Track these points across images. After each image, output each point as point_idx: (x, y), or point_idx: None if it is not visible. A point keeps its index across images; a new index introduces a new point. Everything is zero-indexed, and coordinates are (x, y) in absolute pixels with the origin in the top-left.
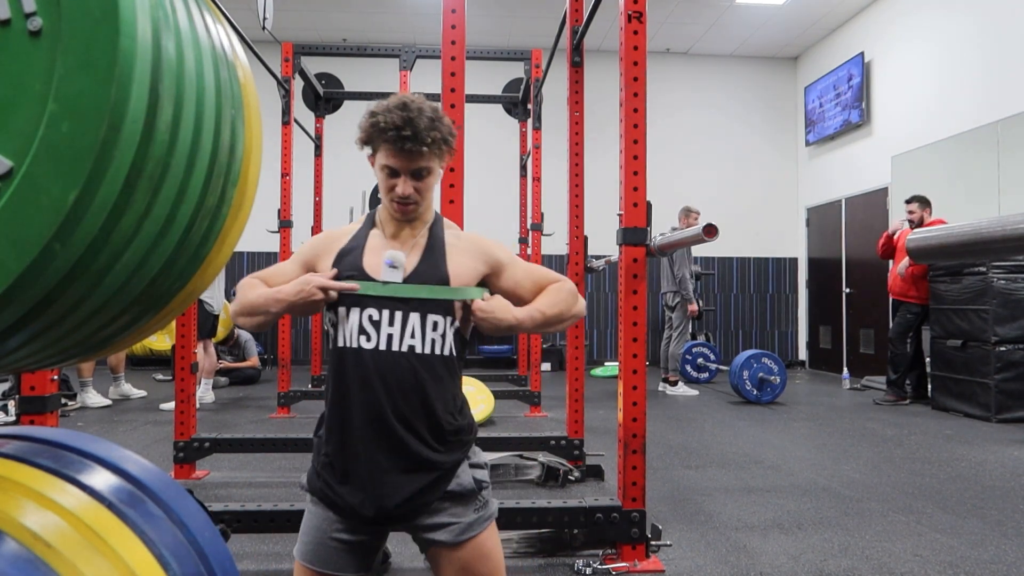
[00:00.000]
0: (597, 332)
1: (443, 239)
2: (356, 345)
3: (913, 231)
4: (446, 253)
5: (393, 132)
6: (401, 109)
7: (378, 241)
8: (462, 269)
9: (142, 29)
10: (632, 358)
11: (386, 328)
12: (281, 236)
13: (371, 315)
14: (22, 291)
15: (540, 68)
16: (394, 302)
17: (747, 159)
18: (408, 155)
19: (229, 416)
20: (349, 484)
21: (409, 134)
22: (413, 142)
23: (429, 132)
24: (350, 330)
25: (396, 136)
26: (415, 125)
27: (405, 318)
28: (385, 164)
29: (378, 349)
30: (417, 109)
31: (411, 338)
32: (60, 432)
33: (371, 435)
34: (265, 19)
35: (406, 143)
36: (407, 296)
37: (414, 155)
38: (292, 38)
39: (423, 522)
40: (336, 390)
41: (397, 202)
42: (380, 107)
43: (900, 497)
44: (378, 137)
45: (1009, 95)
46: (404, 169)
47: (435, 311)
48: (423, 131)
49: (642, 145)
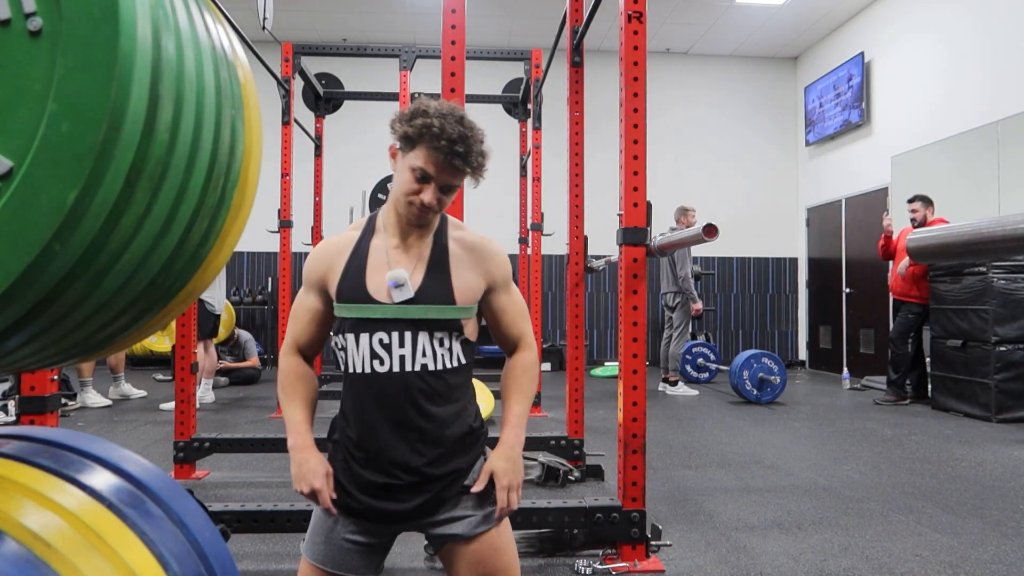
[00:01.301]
0: (597, 332)
1: (447, 249)
2: (370, 370)
3: (913, 231)
4: (450, 267)
5: (446, 143)
6: (459, 122)
7: (380, 256)
8: (465, 284)
9: (142, 29)
10: (632, 358)
11: (397, 350)
12: (281, 236)
13: (381, 339)
14: (22, 291)
15: (540, 68)
16: (402, 323)
17: (747, 159)
18: (452, 170)
19: (229, 416)
20: (366, 492)
21: (462, 151)
22: (463, 160)
23: (478, 156)
24: (362, 356)
25: (448, 148)
26: (469, 144)
27: (415, 338)
28: (421, 168)
29: (392, 371)
30: (471, 128)
31: (423, 357)
32: (60, 432)
33: (391, 450)
34: (265, 19)
35: (456, 159)
36: (413, 317)
37: (457, 172)
38: (292, 38)
39: (439, 517)
40: (353, 410)
41: (418, 208)
42: (434, 111)
43: (900, 497)
44: (427, 141)
45: (1009, 95)
46: (440, 181)
47: (440, 329)
48: (475, 154)
49: (642, 145)
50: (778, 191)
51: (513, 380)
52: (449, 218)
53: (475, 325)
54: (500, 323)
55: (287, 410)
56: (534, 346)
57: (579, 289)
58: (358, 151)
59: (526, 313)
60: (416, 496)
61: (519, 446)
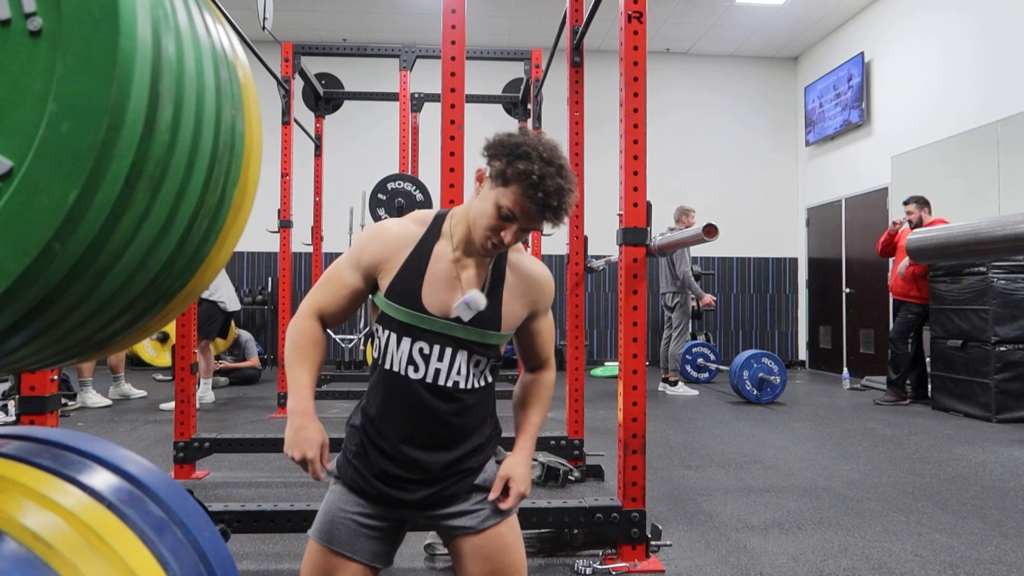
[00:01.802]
0: (597, 332)
1: (504, 275)
2: (404, 373)
3: (913, 231)
4: (503, 295)
5: (543, 196)
6: (559, 174)
7: (440, 265)
8: (513, 313)
9: (142, 29)
10: (632, 358)
11: (435, 363)
12: (281, 236)
13: (422, 348)
14: (22, 291)
15: (540, 68)
16: (445, 339)
17: (747, 159)
18: (539, 219)
19: (229, 416)
20: (379, 478)
21: (555, 205)
22: (551, 213)
23: (565, 213)
24: (400, 358)
25: (543, 201)
26: (563, 198)
27: (454, 356)
28: (508, 208)
29: (424, 381)
30: (567, 180)
31: (456, 375)
32: (60, 432)
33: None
34: (265, 19)
35: (547, 212)
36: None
37: (540, 221)
38: (292, 38)
39: (449, 510)
40: (380, 403)
41: (493, 244)
42: (536, 155)
43: (900, 497)
44: (523, 187)
45: (1009, 95)
46: (524, 225)
47: (480, 352)
48: (564, 210)
49: (642, 145)
50: (778, 191)
51: (534, 393)
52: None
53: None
54: (533, 345)
55: (294, 371)
56: (554, 365)
57: (579, 289)
58: (358, 151)
59: (553, 336)
60: (425, 489)
61: (532, 454)
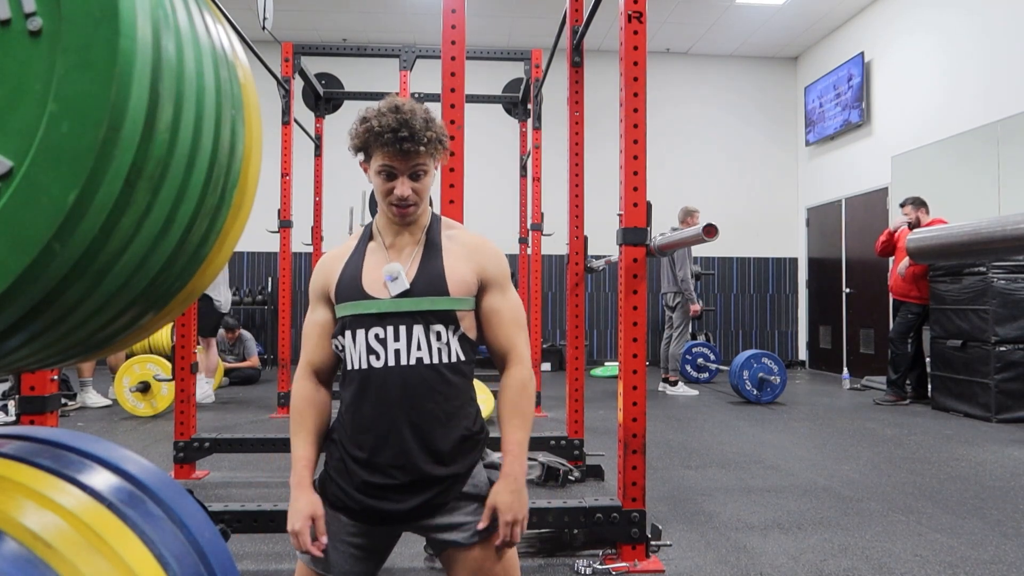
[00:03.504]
0: (597, 332)
1: (439, 244)
2: (367, 366)
3: (913, 231)
4: (443, 260)
5: (390, 135)
6: (394, 112)
7: (376, 255)
8: (459, 275)
9: (142, 29)
10: (632, 358)
11: (392, 344)
12: (281, 236)
13: (377, 334)
14: (22, 291)
15: (540, 68)
16: (397, 317)
17: (747, 159)
18: (406, 155)
19: (229, 416)
20: (363, 492)
21: (406, 134)
22: (411, 142)
23: (425, 132)
24: (359, 352)
25: (393, 138)
26: (411, 125)
27: (410, 332)
28: (382, 166)
29: (388, 365)
30: (410, 110)
31: (418, 350)
32: (60, 432)
33: (387, 448)
34: (265, 19)
35: (403, 143)
36: (407, 310)
37: (411, 155)
38: (292, 38)
39: (438, 522)
40: (351, 406)
41: (396, 205)
42: (371, 112)
43: (900, 497)
44: (374, 142)
45: (1009, 95)
46: (402, 170)
47: (436, 322)
48: (419, 131)
49: (642, 145)
50: (778, 191)
51: (511, 403)
52: (443, 218)
53: (473, 321)
54: (491, 326)
55: (293, 441)
56: (527, 360)
57: (579, 289)
58: None
59: (522, 323)
60: (413, 497)
61: (522, 476)
